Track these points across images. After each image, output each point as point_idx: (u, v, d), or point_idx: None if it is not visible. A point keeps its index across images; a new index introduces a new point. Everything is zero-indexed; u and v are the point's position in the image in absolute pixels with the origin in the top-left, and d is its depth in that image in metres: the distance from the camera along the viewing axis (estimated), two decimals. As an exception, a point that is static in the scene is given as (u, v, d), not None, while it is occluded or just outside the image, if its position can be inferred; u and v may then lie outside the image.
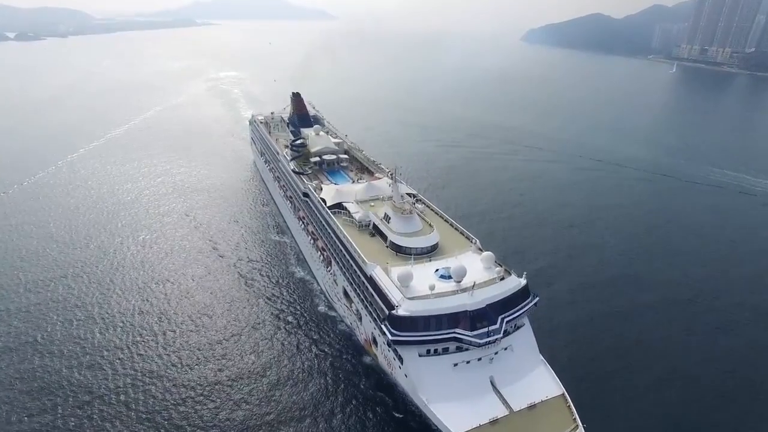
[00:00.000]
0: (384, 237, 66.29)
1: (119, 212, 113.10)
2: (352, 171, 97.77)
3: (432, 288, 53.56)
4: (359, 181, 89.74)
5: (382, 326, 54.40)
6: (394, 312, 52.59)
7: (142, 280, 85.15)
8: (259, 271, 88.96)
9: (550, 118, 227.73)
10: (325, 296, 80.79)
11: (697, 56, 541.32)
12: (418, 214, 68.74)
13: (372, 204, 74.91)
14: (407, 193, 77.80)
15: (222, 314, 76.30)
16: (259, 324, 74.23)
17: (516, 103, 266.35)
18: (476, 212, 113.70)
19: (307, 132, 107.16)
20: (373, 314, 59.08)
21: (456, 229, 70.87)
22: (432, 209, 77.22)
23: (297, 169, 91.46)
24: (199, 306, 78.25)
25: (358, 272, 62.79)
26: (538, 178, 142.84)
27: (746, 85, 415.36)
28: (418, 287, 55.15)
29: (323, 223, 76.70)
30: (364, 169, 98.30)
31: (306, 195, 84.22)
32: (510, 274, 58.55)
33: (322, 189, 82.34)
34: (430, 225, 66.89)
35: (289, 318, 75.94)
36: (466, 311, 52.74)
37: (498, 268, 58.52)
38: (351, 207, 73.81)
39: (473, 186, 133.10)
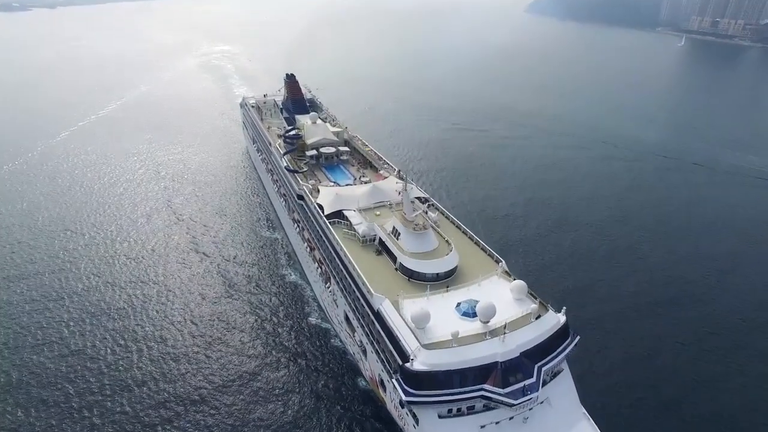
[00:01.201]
0: (392, 256, 55.95)
1: (91, 203, 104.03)
2: (353, 166, 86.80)
3: (455, 335, 43.44)
4: (362, 179, 79.09)
5: (393, 381, 44.56)
6: (408, 366, 42.64)
7: (109, 284, 76.91)
8: (246, 274, 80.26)
9: (557, 97, 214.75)
10: (317, 304, 72.85)
11: (708, 29, 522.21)
12: (434, 228, 58.31)
13: (377, 213, 64.33)
14: (417, 197, 67.36)
15: (198, 326, 68.47)
16: (242, 338, 66.48)
17: (520, 81, 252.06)
18: (492, 212, 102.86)
19: (303, 120, 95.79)
20: (381, 356, 49.35)
21: (476, 244, 60.43)
22: (446, 217, 66.73)
23: (291, 167, 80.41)
24: (173, 316, 70.19)
25: (363, 303, 52.73)
26: (556, 169, 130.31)
27: (759, 59, 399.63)
28: (436, 329, 45.21)
29: (321, 234, 66.32)
30: (366, 163, 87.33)
31: (301, 198, 73.51)
32: (546, 308, 48.52)
33: (319, 191, 71.62)
34: (447, 242, 56.48)
35: (278, 330, 68.16)
36: (497, 362, 42.87)
37: (532, 304, 48.45)
38: (353, 216, 63.19)
39: (487, 178, 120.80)
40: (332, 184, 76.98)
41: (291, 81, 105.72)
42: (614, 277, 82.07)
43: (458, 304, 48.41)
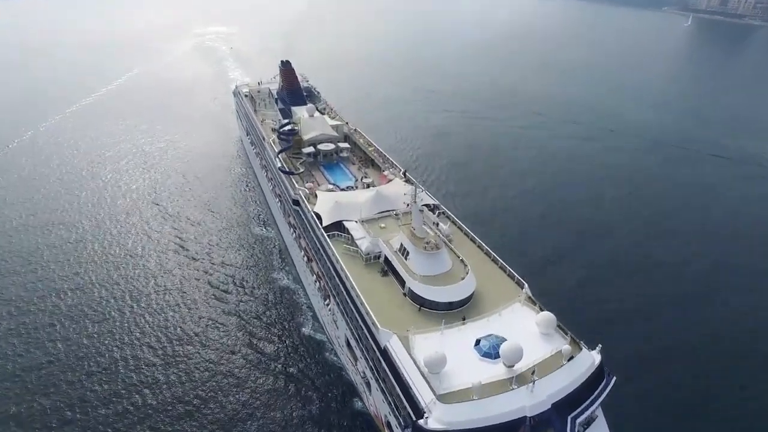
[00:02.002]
0: (400, 279, 49.33)
1: (65, 197, 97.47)
2: (354, 164, 79.73)
3: (477, 385, 37.04)
4: (363, 180, 72.12)
5: (405, 439, 38.40)
6: (421, 423, 36.30)
7: (78, 289, 71.54)
8: (234, 278, 74.56)
9: (565, 81, 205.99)
10: (312, 313, 67.90)
11: (717, 7, 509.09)
12: (447, 244, 51.63)
13: (382, 225, 57.45)
14: (426, 205, 60.52)
15: (176, 335, 63.74)
16: (226, 349, 61.79)
17: (525, 63, 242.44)
18: (506, 217, 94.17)
19: (299, 113, 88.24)
20: (389, 398, 43.13)
21: (494, 261, 53.73)
22: (459, 227, 59.86)
23: (285, 168, 73.22)
24: (153, 330, 64.99)
25: (368, 336, 46.32)
26: (576, 163, 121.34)
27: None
28: (453, 375, 38.85)
29: (319, 248, 59.66)
30: (368, 161, 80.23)
31: (296, 203, 66.60)
32: (579, 346, 42.14)
33: (316, 197, 64.71)
34: (462, 262, 49.86)
35: (267, 341, 63.39)
36: (525, 417, 36.57)
37: (562, 340, 42.06)
38: (355, 229, 56.35)
39: (498, 175, 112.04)
40: (331, 186, 70.12)
41: (286, 69, 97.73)
42: (652, 303, 72.89)
43: (478, 342, 41.96)
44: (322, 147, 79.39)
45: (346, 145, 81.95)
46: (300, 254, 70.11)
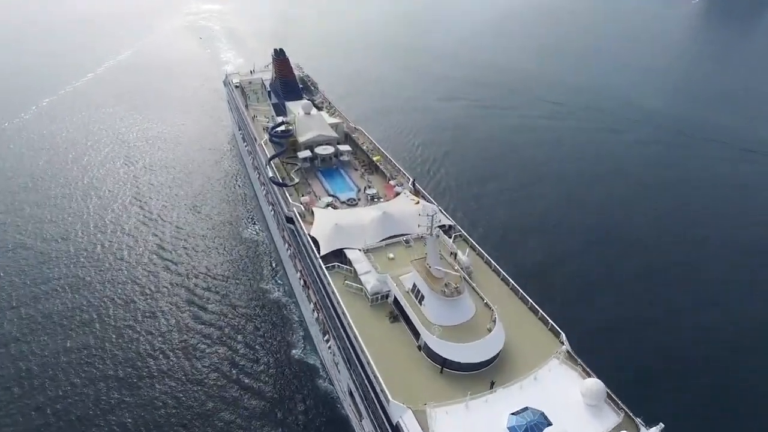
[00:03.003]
0: (413, 329, 41.19)
1: (34, 197, 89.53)
2: (355, 169, 70.99)
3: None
4: (367, 191, 63.41)
5: None
6: None
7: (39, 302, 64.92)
8: (219, 292, 67.95)
9: (580, 64, 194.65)
10: (303, 333, 61.76)
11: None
12: (468, 282, 43.49)
13: (391, 256, 49.03)
14: (441, 226, 52.10)
15: (152, 355, 58.18)
16: (207, 373, 55.95)
17: (529, 44, 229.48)
18: (526, 235, 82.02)
19: (294, 109, 79.08)
20: None
21: (523, 301, 45.49)
22: (477, 252, 51.47)
23: (278, 178, 64.33)
24: (124, 344, 59.65)
25: (376, 404, 38.44)
26: (602, 162, 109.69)
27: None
28: (484, 470, 31.00)
29: (316, 278, 51.50)
30: (372, 166, 71.45)
31: (290, 221, 58.10)
32: (636, 426, 34.23)
33: (312, 214, 56.26)
34: (487, 305, 41.68)
35: (253, 364, 57.56)
36: None
37: (616, 419, 34.13)
38: (358, 262, 47.86)
39: (512, 176, 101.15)
40: (330, 199, 61.47)
41: (280, 59, 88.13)
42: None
43: (512, 419, 34.00)
44: (319, 150, 70.53)
45: (347, 147, 73.05)
46: (295, 274, 62.12)
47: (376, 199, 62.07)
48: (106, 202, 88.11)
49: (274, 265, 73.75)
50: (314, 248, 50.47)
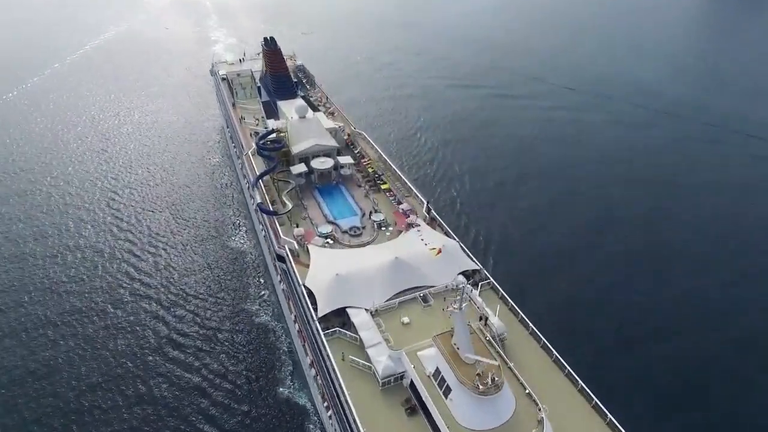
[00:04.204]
0: (435, 428, 32.00)
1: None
2: (359, 186, 60.85)
3: None
4: (372, 216, 53.61)
5: None
6: None
7: None
8: (197, 317, 59.25)
9: (592, 46, 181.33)
10: (292, 367, 53.55)
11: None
12: (502, 359, 34.40)
13: (406, 320, 39.51)
14: (463, 272, 42.83)
15: (120, 391, 50.46)
16: (179, 407, 48.54)
17: (539, 21, 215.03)
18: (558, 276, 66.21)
19: (287, 112, 68.47)
20: None
21: (571, 380, 36.22)
22: (509, 307, 42.01)
23: (266, 206, 54.08)
24: (85, 381, 51.46)
25: None
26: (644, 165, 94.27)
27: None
28: None
29: (313, 342, 42.19)
30: (378, 182, 61.41)
31: (282, 260, 48.46)
32: None
33: (308, 252, 46.68)
34: (530, 397, 32.58)
35: (234, 403, 49.37)
36: None
37: None
38: (365, 330, 38.27)
39: (541, 191, 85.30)
40: (330, 227, 51.76)
41: (271, 49, 77.03)
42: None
43: None
44: (317, 164, 60.30)
45: (349, 159, 62.75)
46: (291, 317, 52.88)
47: (383, 227, 52.45)
48: (76, 203, 79.32)
49: (262, 281, 64.63)
50: (310, 305, 40.91)
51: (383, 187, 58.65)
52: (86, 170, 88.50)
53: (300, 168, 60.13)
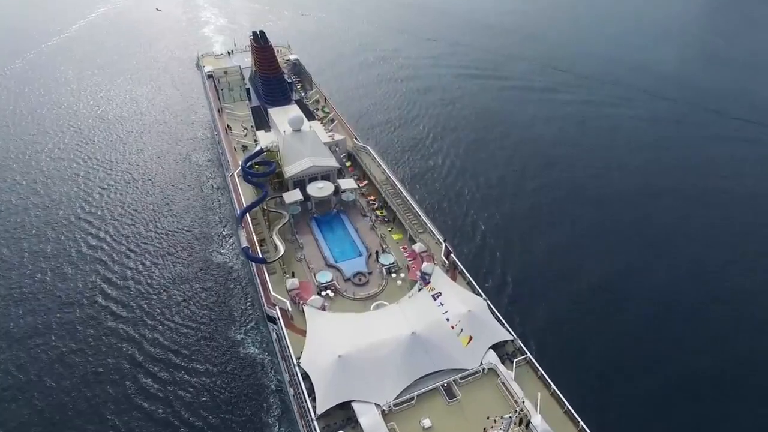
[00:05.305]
0: None
1: None
2: (364, 215, 52.34)
3: None
4: (380, 257, 45.38)
5: None
6: None
7: None
8: (178, 350, 50.90)
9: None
10: (280, 404, 45.93)
11: None
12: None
13: (427, 424, 31.46)
14: (494, 345, 34.93)
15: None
16: None
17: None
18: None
19: (279, 121, 59.37)
20: None
21: None
22: (552, 393, 34.00)
23: (254, 254, 45.09)
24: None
25: None
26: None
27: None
28: None
29: None
30: (383, 207, 52.95)
31: (273, 321, 40.33)
32: None
33: (303, 313, 38.59)
34: None
35: None
36: None
37: None
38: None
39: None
40: (330, 275, 43.55)
41: (260, 46, 67.24)
42: None
43: None
44: (314, 191, 51.65)
45: (352, 184, 54.02)
46: (285, 379, 45.09)
47: (393, 273, 44.24)
48: (43, 212, 70.33)
49: (249, 303, 56.14)
50: (307, 396, 32.91)
51: (395, 237, 49.19)
52: (55, 168, 79.76)
53: (294, 195, 51.43)
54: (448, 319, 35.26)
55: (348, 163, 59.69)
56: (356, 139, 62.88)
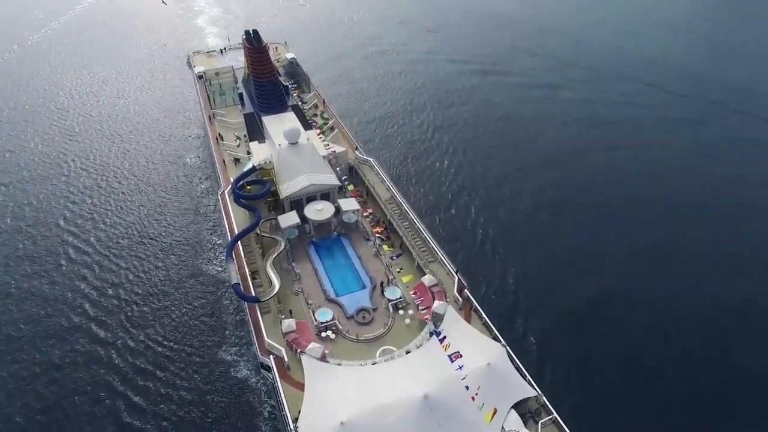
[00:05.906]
0: None
1: None
2: (367, 239, 47.93)
3: None
4: (386, 290, 41.26)
5: None
6: None
7: None
8: (160, 353, 47.85)
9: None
10: (271, 425, 41.72)
11: None
12: None
13: None
14: (515, 405, 30.84)
15: None
16: None
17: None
18: None
19: (274, 132, 54.50)
20: None
21: None
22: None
23: (248, 293, 40.42)
24: None
25: None
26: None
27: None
28: None
29: None
30: (391, 232, 48.60)
31: (267, 368, 36.21)
32: None
33: (300, 361, 34.47)
34: None
35: None
36: None
37: None
38: None
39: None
40: (330, 312, 39.42)
41: (254, 47, 62.10)
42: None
43: None
44: (312, 214, 47.15)
45: (354, 205, 49.50)
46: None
47: (401, 309, 40.05)
48: (23, 214, 66.02)
49: (240, 319, 51.30)
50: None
51: (404, 280, 43.70)
52: (41, 174, 75.01)
53: (291, 219, 47.00)
54: (467, 387, 31.00)
55: (350, 187, 54.09)
56: (358, 150, 58.12)
